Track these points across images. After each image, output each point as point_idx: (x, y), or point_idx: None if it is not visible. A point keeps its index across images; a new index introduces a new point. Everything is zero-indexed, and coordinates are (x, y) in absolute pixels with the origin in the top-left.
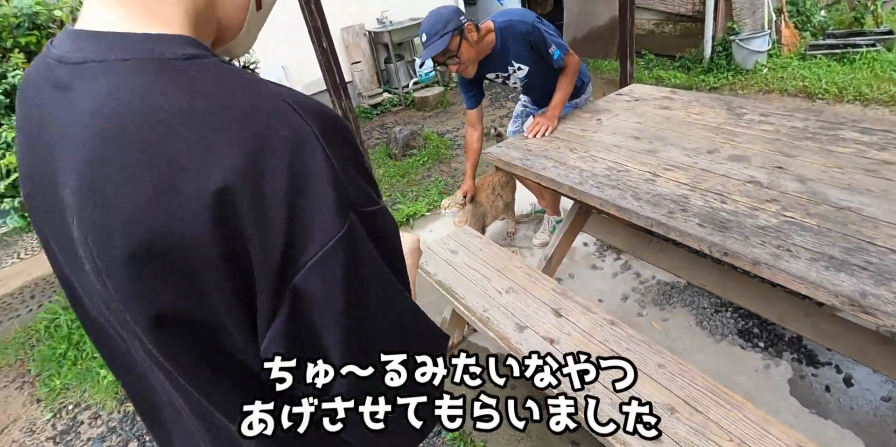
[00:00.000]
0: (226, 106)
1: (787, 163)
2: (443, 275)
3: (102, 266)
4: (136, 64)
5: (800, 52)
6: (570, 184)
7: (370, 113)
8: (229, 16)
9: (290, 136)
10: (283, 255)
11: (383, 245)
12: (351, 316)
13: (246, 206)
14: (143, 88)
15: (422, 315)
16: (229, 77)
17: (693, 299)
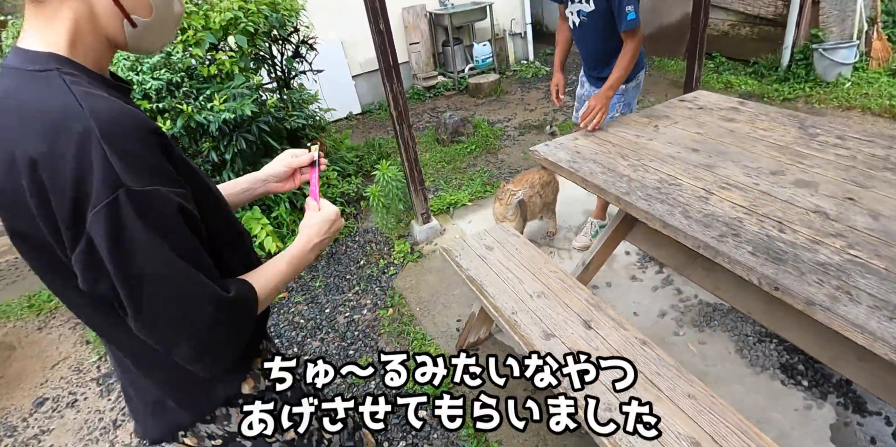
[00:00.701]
0: (45, 107)
1: (859, 194)
2: (475, 271)
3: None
4: (13, 71)
5: (890, 67)
6: (617, 193)
7: (423, 95)
8: (111, 33)
9: (79, 132)
10: (74, 211)
11: (156, 218)
12: (119, 269)
13: (46, 174)
14: (8, 87)
15: (197, 281)
16: (58, 88)
17: (735, 325)
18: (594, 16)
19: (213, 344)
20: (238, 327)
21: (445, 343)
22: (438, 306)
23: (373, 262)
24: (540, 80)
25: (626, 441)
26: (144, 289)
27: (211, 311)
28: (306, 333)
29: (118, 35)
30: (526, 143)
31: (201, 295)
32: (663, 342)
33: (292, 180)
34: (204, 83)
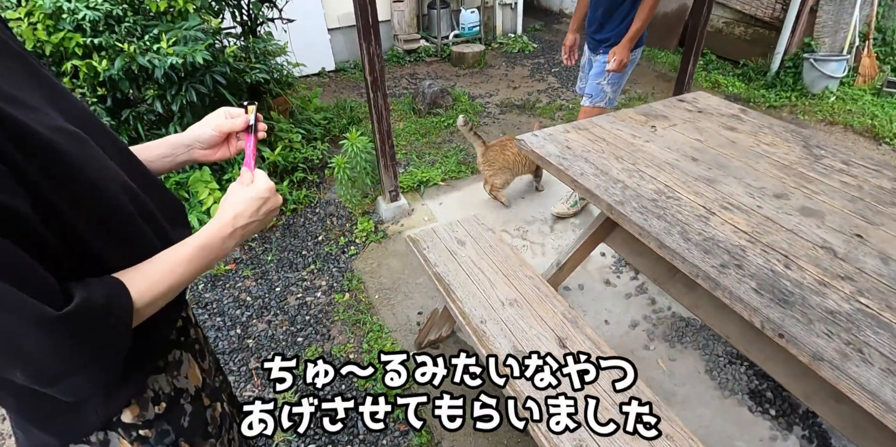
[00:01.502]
0: None
1: (868, 231)
2: (444, 267)
3: None
4: None
5: (875, 85)
6: (610, 201)
7: (403, 59)
8: None
9: None
10: None
11: None
12: None
13: None
14: None
15: (15, 309)
16: None
17: (707, 343)
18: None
19: (60, 370)
20: (95, 343)
21: (403, 337)
22: (399, 295)
23: (332, 239)
24: (526, 56)
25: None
26: None
27: (38, 334)
28: (252, 313)
29: None
30: (506, 123)
31: (15, 317)
32: (633, 356)
33: (225, 147)
34: (152, 20)
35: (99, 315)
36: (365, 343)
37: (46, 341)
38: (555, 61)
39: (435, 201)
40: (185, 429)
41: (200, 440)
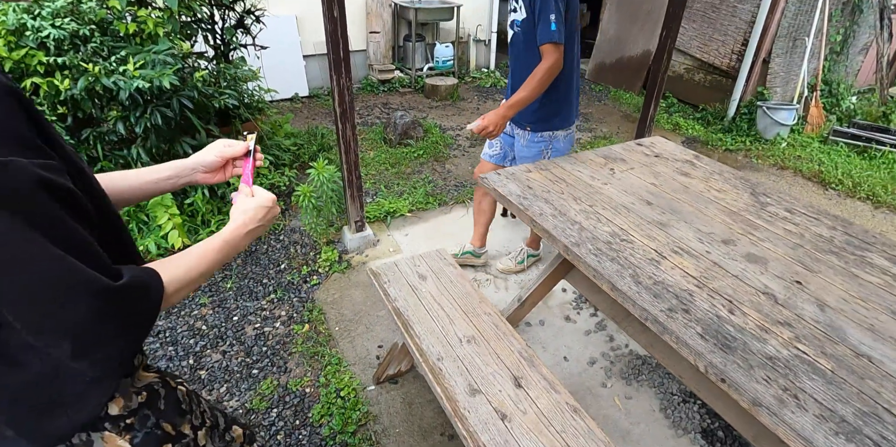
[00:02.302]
0: None
1: (807, 278)
2: (403, 302)
3: None
4: None
5: (822, 134)
6: (566, 242)
7: (377, 88)
8: None
9: None
10: None
11: (11, 196)
12: None
13: None
14: None
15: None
16: None
17: (662, 381)
18: (522, 28)
19: (100, 339)
20: (132, 319)
21: (362, 371)
22: (360, 327)
23: (295, 268)
24: (498, 90)
25: None
26: (3, 281)
27: (94, 302)
28: (207, 343)
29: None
30: (475, 156)
31: (78, 285)
32: (590, 393)
33: (223, 172)
34: (120, 42)
35: (141, 294)
36: (322, 376)
37: (99, 309)
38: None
39: (401, 232)
40: (163, 412)
41: (179, 418)
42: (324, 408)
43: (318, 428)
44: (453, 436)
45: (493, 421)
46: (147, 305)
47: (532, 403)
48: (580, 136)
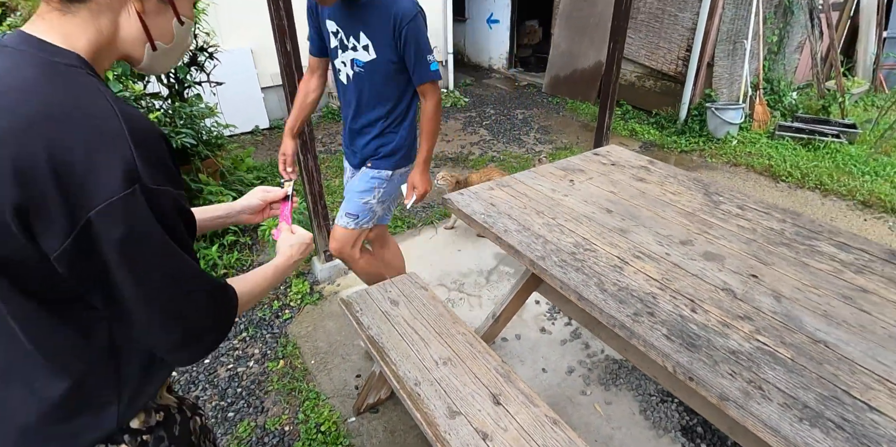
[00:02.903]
0: (78, 101)
1: (762, 271)
2: (377, 329)
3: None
4: (31, 56)
5: (769, 130)
6: (532, 257)
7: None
8: (130, 53)
9: (113, 130)
10: (79, 204)
11: (164, 214)
12: (127, 256)
13: (59, 164)
14: (28, 73)
15: (195, 269)
16: (90, 86)
17: (640, 383)
18: (373, 67)
19: (201, 330)
20: (225, 316)
21: (342, 403)
22: (337, 359)
23: (266, 303)
24: (458, 110)
25: None
26: (153, 275)
27: (204, 298)
28: (179, 389)
29: (137, 55)
30: None
31: (199, 282)
32: (571, 403)
33: (261, 214)
34: None
35: (231, 295)
36: (301, 412)
37: (210, 304)
38: (486, 114)
39: None
40: (175, 437)
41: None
42: (305, 445)
43: None
44: None
45: (475, 442)
46: (232, 308)
47: (512, 419)
48: (542, 148)
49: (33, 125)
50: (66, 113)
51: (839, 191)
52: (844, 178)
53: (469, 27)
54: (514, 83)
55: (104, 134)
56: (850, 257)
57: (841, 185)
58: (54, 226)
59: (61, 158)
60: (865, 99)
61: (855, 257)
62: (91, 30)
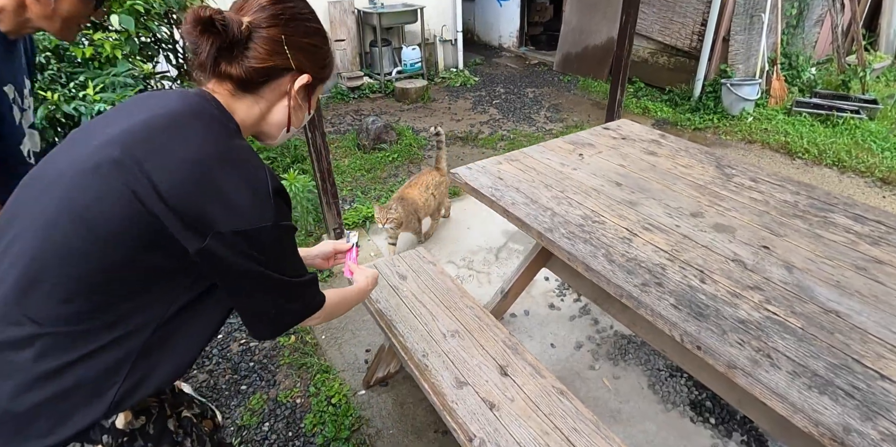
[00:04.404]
0: (242, 157)
1: (773, 242)
2: (385, 303)
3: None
4: (209, 116)
5: (786, 106)
6: (539, 229)
7: (347, 96)
8: (268, 132)
9: (263, 181)
10: (213, 222)
11: (290, 241)
12: (272, 268)
13: (215, 195)
14: (200, 130)
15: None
16: (248, 148)
17: (649, 358)
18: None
19: (287, 325)
20: (305, 318)
21: (352, 377)
22: (347, 334)
23: None
24: (468, 89)
25: None
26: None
27: (301, 311)
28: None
29: (274, 134)
30: (451, 155)
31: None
32: (579, 377)
33: (330, 260)
34: (78, 67)
35: (316, 289)
36: (312, 386)
37: (303, 315)
38: (495, 93)
39: (381, 236)
40: (152, 436)
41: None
42: (316, 417)
43: (311, 437)
44: (447, 431)
45: (482, 411)
46: (314, 301)
47: (519, 390)
48: (552, 127)
49: (209, 162)
50: (232, 158)
51: (857, 167)
52: (863, 154)
53: (478, 5)
54: (524, 62)
55: (257, 182)
56: (866, 229)
57: (859, 161)
58: (197, 233)
59: (225, 189)
60: (888, 74)
61: (871, 229)
62: (249, 112)
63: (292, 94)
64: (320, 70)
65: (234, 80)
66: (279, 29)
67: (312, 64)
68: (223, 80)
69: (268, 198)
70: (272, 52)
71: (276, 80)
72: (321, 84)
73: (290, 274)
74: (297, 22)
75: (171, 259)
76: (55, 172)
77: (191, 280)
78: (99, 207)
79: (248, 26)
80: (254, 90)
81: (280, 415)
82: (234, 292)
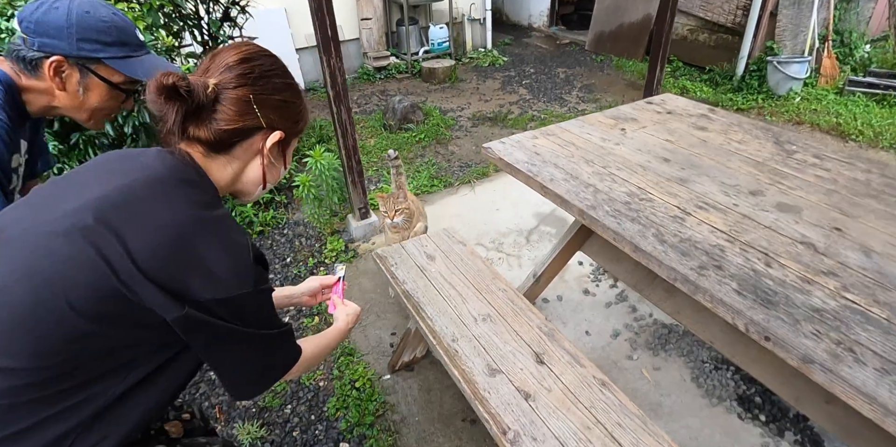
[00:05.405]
0: (227, 228)
1: (846, 224)
2: (412, 284)
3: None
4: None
5: (837, 85)
6: (581, 206)
7: (373, 76)
8: (244, 190)
9: (244, 252)
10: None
11: (270, 303)
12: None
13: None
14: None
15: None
16: (229, 220)
17: (692, 349)
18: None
19: (267, 383)
20: (283, 374)
21: (376, 360)
22: (371, 316)
23: (301, 260)
24: (497, 69)
25: None
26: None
27: (280, 371)
28: None
29: (250, 191)
30: (479, 136)
31: (279, 321)
32: (616, 367)
33: (318, 296)
34: None
35: (292, 341)
36: (336, 369)
37: (283, 371)
38: (525, 73)
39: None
40: None
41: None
42: (339, 401)
43: (334, 422)
44: (475, 420)
45: (517, 401)
46: (292, 353)
47: (556, 380)
48: (585, 107)
49: (190, 230)
50: (213, 227)
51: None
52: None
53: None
54: (555, 41)
55: (238, 250)
56: None
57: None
58: (176, 301)
59: (205, 258)
60: None
61: None
62: (223, 172)
63: (265, 153)
64: (293, 125)
65: (204, 142)
66: (247, 89)
67: (284, 120)
68: (192, 143)
69: (249, 265)
70: (241, 112)
71: (248, 139)
72: (296, 138)
73: (268, 328)
74: (265, 80)
75: (134, 330)
76: (17, 230)
77: (152, 350)
78: (63, 274)
79: (215, 89)
80: (225, 151)
81: (303, 398)
82: (213, 354)
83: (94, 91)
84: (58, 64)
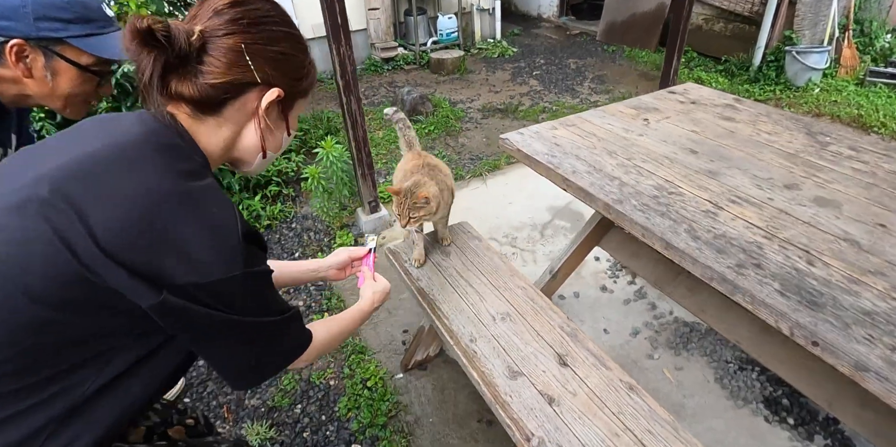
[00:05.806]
0: (209, 201)
1: (890, 220)
2: (427, 281)
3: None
4: (170, 153)
5: (858, 76)
6: (607, 200)
7: (381, 67)
8: (243, 158)
9: (231, 228)
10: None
11: (258, 287)
12: (252, 314)
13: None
14: (161, 158)
15: (285, 343)
16: (212, 191)
17: (715, 348)
18: None
19: (270, 371)
20: (290, 362)
21: (388, 359)
22: (383, 313)
23: (309, 255)
24: (507, 60)
25: None
26: (246, 336)
27: (289, 353)
28: None
29: (248, 160)
30: (489, 127)
31: (283, 304)
32: (637, 367)
33: (347, 270)
34: None
35: (300, 325)
36: (346, 367)
37: (287, 358)
38: (535, 64)
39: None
40: None
41: None
42: (350, 401)
43: (345, 422)
44: (491, 421)
45: (540, 406)
46: (299, 340)
47: (581, 383)
48: (597, 99)
49: (162, 203)
50: (192, 200)
51: None
52: None
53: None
54: (565, 32)
55: (223, 229)
56: None
57: None
58: (149, 286)
59: (180, 237)
60: None
61: None
62: (214, 137)
63: (260, 114)
64: (294, 82)
65: (189, 100)
66: (238, 37)
67: (283, 75)
68: (177, 102)
69: (236, 245)
70: (231, 64)
71: (240, 97)
72: (301, 99)
73: (267, 314)
74: (260, 27)
75: (105, 318)
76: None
77: (131, 339)
78: (16, 257)
79: (201, 36)
80: (215, 111)
81: (313, 397)
82: (202, 345)
83: (63, 75)
84: (19, 48)
